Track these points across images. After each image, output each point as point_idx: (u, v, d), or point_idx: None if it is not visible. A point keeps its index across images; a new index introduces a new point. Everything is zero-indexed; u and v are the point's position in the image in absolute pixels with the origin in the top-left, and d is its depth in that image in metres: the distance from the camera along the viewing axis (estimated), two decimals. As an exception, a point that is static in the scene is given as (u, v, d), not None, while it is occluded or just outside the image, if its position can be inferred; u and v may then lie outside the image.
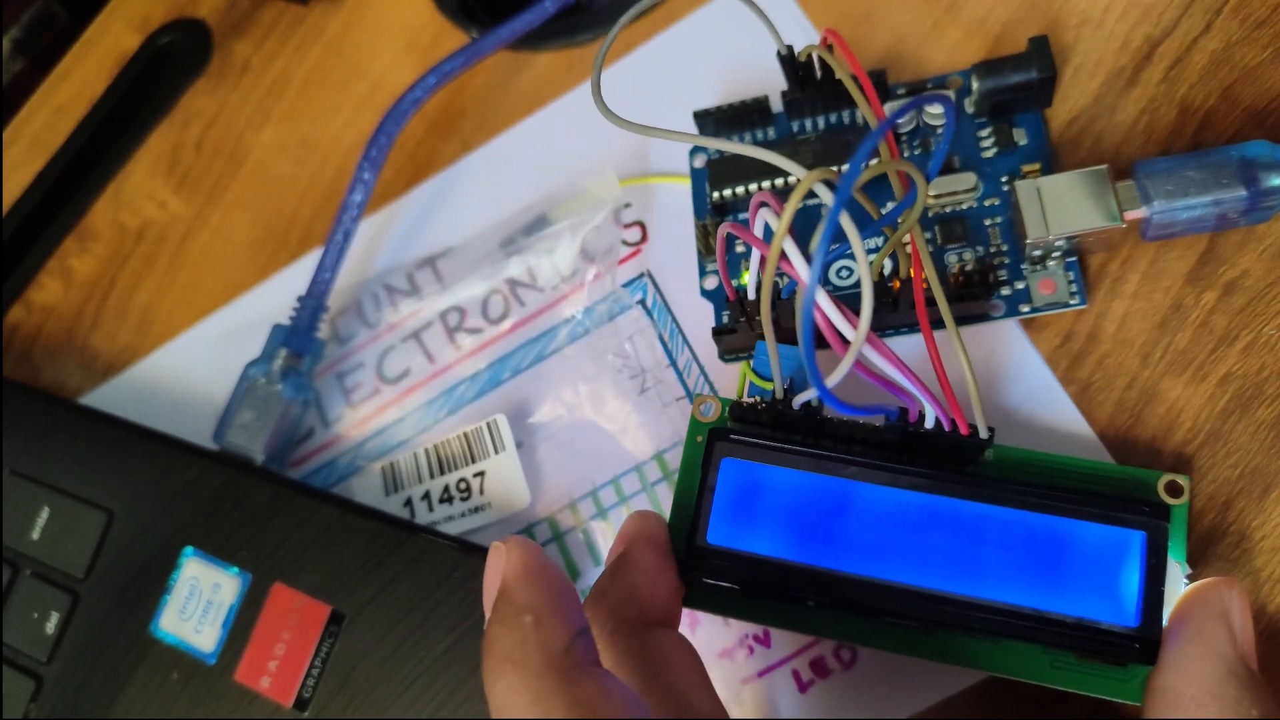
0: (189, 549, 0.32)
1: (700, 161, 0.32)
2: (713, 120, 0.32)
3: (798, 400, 0.25)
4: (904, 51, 0.32)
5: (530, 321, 0.33)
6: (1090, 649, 0.23)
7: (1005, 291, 0.28)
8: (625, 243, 0.33)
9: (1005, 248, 0.28)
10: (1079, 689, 0.23)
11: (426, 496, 0.32)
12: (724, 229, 0.25)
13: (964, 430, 0.24)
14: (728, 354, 0.30)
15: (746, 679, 0.28)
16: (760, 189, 0.30)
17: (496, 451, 0.31)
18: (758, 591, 0.25)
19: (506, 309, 0.34)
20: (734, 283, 0.30)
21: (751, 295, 0.27)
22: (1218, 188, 0.25)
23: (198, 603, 0.31)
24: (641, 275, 0.32)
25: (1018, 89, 0.28)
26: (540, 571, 0.21)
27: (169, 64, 0.43)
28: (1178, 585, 0.23)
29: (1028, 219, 0.26)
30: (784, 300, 0.28)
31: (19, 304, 0.41)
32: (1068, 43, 0.30)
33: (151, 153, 0.41)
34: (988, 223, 0.29)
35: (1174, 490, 0.24)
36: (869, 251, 0.30)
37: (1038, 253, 0.27)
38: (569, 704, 0.19)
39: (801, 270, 0.22)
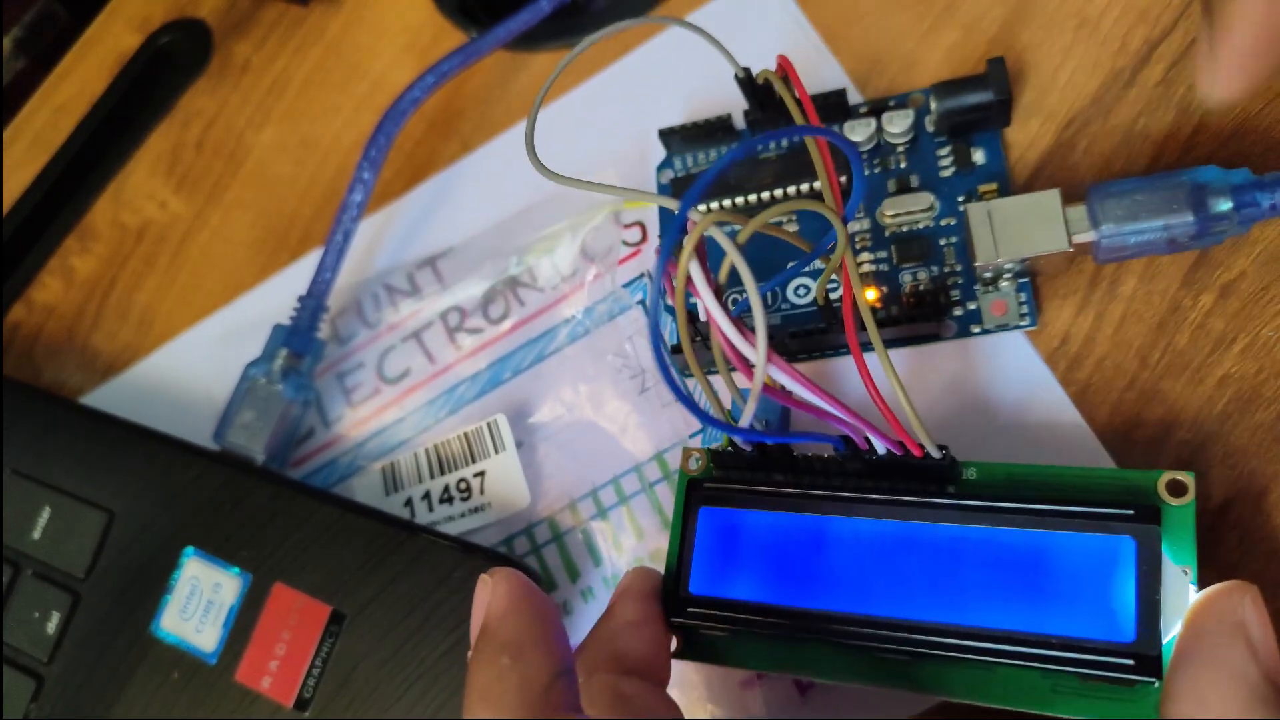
0: (189, 549, 0.32)
1: (666, 178, 0.32)
2: (678, 138, 0.32)
3: (755, 437, 0.24)
4: (900, 52, 0.32)
5: (530, 321, 0.33)
6: (1085, 669, 0.21)
7: (958, 312, 0.28)
8: (625, 243, 0.33)
9: (959, 268, 0.28)
10: (1084, 715, 0.21)
11: (427, 496, 0.32)
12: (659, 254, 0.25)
13: (916, 452, 0.23)
14: (684, 370, 0.30)
15: (747, 684, 0.28)
16: (720, 207, 0.30)
17: (496, 451, 0.31)
18: (741, 636, 0.25)
19: (507, 309, 0.34)
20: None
21: (703, 316, 0.27)
22: (1167, 213, 0.25)
23: (198, 602, 0.31)
24: (642, 275, 0.33)
25: (975, 110, 0.29)
26: (525, 606, 0.21)
27: (169, 64, 0.43)
28: (1185, 593, 0.21)
29: (978, 242, 0.27)
30: (703, 323, 0.28)
31: (20, 303, 0.41)
32: (1065, 44, 0.30)
33: (152, 153, 0.42)
34: (943, 243, 0.29)
35: (1176, 489, 0.22)
36: (814, 275, 0.30)
37: (988, 274, 0.27)
38: None
39: (707, 300, 0.21)
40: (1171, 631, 0.21)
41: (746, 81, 0.29)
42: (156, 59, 0.43)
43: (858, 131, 0.30)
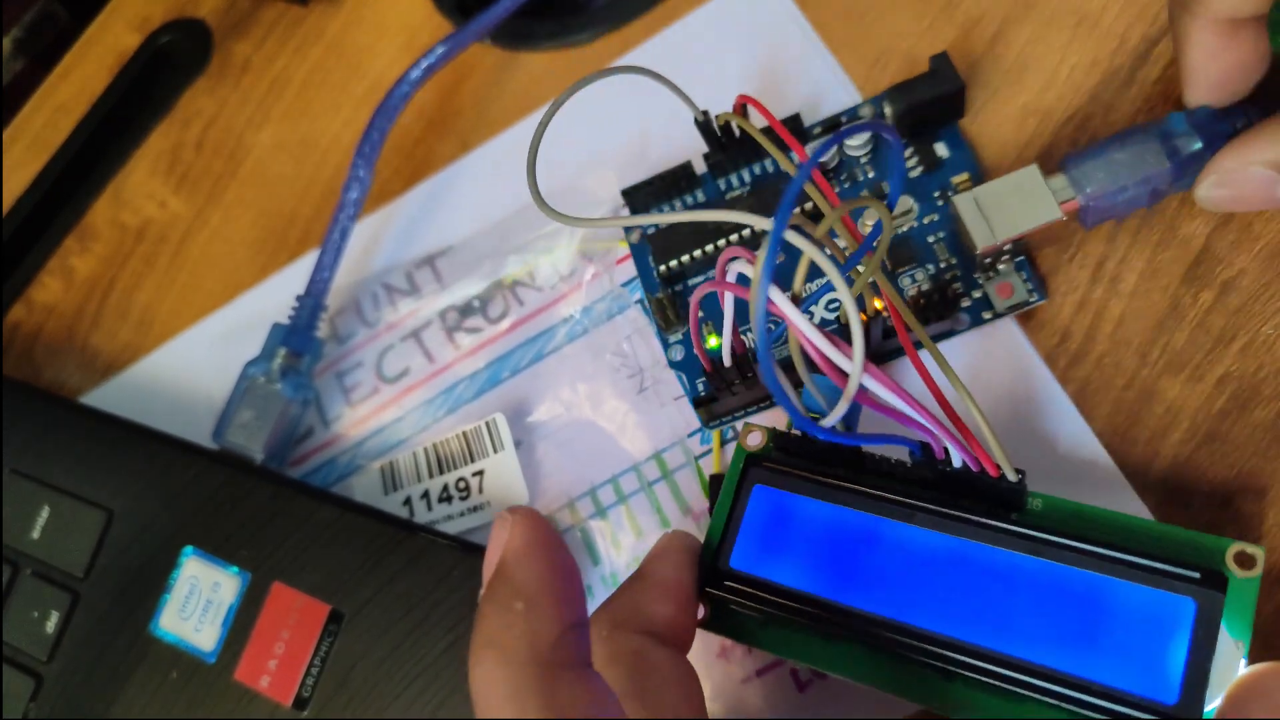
0: (189, 548, 0.32)
1: (636, 237, 0.32)
2: (643, 195, 0.32)
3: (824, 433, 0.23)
4: (899, 51, 0.32)
5: (529, 321, 0.33)
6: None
7: (966, 303, 0.28)
8: (625, 242, 0.33)
9: (954, 261, 0.29)
10: None
11: (425, 496, 0.32)
12: (699, 293, 0.24)
13: (992, 471, 0.22)
14: (712, 421, 0.30)
15: (745, 678, 0.28)
16: (704, 253, 0.30)
17: (495, 450, 0.31)
18: (773, 620, 0.24)
19: (505, 308, 0.34)
20: (706, 349, 0.29)
21: (728, 360, 0.27)
22: (1144, 165, 0.26)
23: (197, 602, 0.31)
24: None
25: (931, 104, 0.29)
26: (543, 551, 0.20)
27: (169, 64, 0.43)
28: (1234, 667, 0.20)
29: (973, 230, 0.27)
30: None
31: (20, 303, 0.41)
32: (1064, 42, 0.30)
33: (151, 152, 0.42)
34: (931, 240, 0.29)
35: (1245, 562, 0.21)
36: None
37: (987, 260, 0.28)
38: (544, 704, 0.18)
39: (788, 311, 0.21)
40: (1214, 703, 0.20)
41: (705, 125, 0.30)
42: (156, 59, 0.43)
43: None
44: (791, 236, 0.21)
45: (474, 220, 0.35)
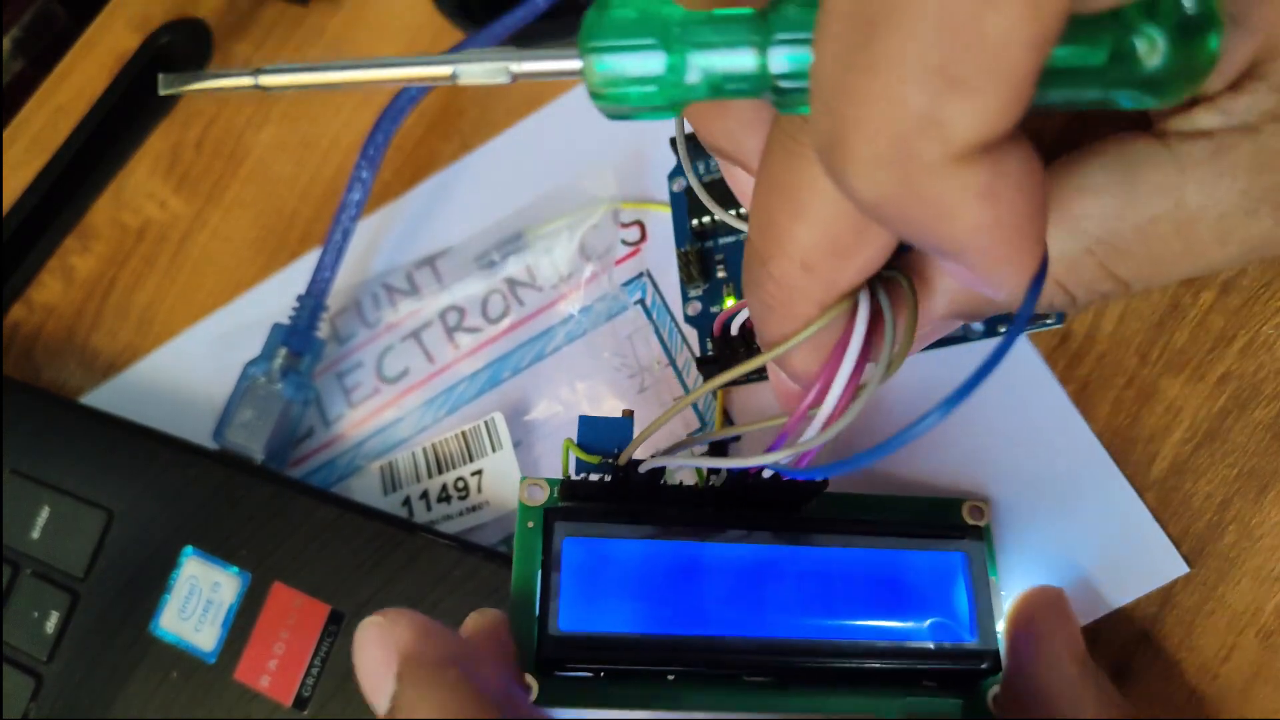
0: (189, 548, 0.32)
1: (679, 186, 0.32)
2: (688, 146, 0.31)
3: (642, 466, 0.24)
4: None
5: (529, 321, 0.33)
6: (938, 671, 0.24)
7: None
8: (624, 242, 0.33)
9: None
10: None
11: (425, 496, 0.32)
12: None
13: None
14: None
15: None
16: (740, 214, 0.29)
17: (494, 450, 0.31)
18: (620, 675, 0.24)
19: (505, 308, 0.34)
20: (714, 309, 0.30)
21: (735, 329, 0.27)
22: None
23: (197, 602, 0.31)
24: (640, 275, 0.32)
25: None
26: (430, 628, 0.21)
27: (169, 64, 0.43)
28: (999, 597, 0.25)
29: None
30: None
31: (20, 303, 0.41)
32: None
33: (151, 152, 0.42)
34: None
35: (977, 514, 0.26)
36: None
37: None
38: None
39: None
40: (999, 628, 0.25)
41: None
42: (156, 59, 0.43)
43: None
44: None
45: (474, 220, 0.35)
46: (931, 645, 0.24)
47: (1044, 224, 0.16)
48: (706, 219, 0.30)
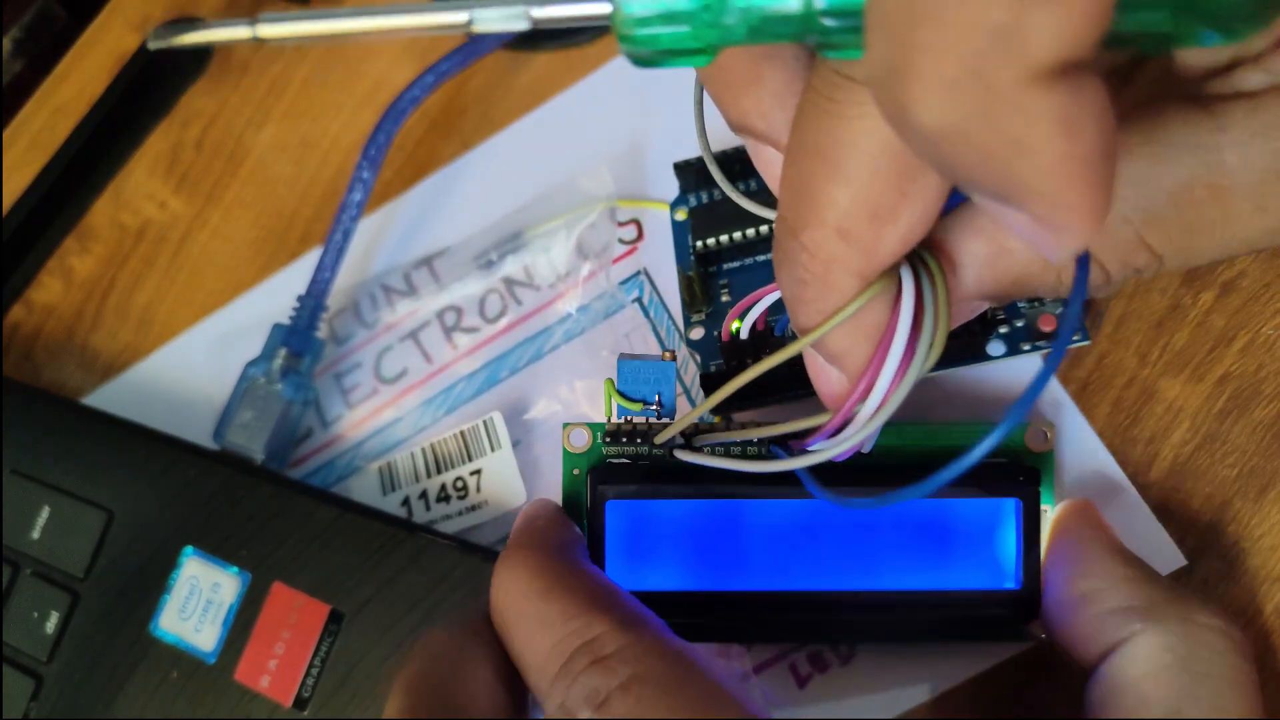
0: (189, 548, 0.32)
1: (681, 215, 0.31)
2: (693, 172, 0.31)
3: (681, 454, 0.24)
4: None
5: (527, 320, 0.33)
6: (978, 621, 0.24)
7: (1004, 329, 0.27)
8: (621, 240, 0.33)
9: None
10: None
11: (424, 495, 0.32)
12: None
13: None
14: (718, 409, 0.29)
15: (745, 674, 0.28)
16: (744, 237, 0.29)
17: (493, 449, 0.31)
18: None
19: (503, 308, 0.34)
20: (717, 332, 0.29)
21: (745, 333, 0.27)
22: None
23: (197, 602, 0.31)
24: (638, 273, 0.33)
25: None
26: (553, 506, 0.24)
27: (169, 64, 0.43)
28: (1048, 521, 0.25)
29: None
30: (776, 337, 0.27)
31: (19, 303, 0.41)
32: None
33: (151, 153, 0.42)
34: None
35: (1039, 438, 0.25)
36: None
37: None
38: (561, 585, 0.22)
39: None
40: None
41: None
42: (156, 59, 0.43)
43: None
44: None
45: (472, 220, 0.35)
46: (974, 593, 0.24)
47: (1114, 168, 0.15)
48: (711, 241, 0.29)
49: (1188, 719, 0.20)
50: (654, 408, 0.25)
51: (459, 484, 0.32)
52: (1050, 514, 0.25)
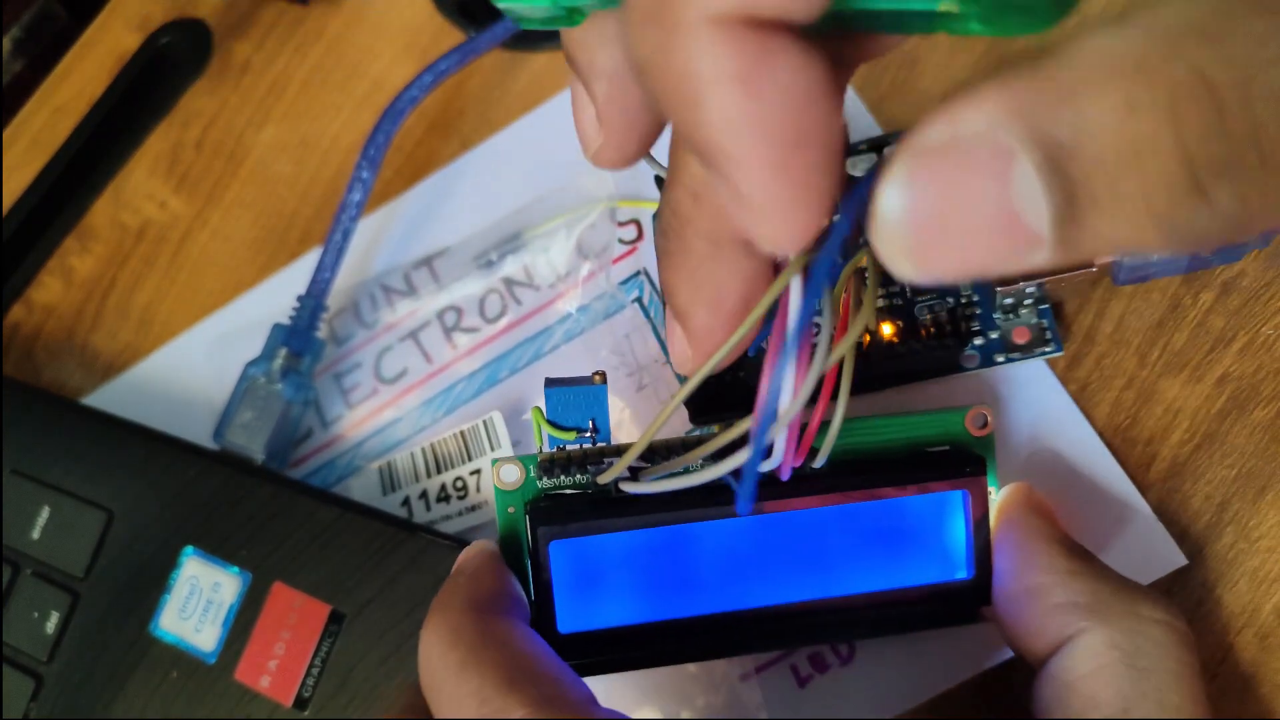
0: (189, 548, 0.32)
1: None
2: None
3: (625, 486, 0.23)
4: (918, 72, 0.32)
5: (527, 320, 0.33)
6: (935, 613, 0.25)
7: (979, 341, 0.28)
8: (621, 241, 0.33)
9: (975, 297, 0.28)
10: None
11: (424, 496, 0.32)
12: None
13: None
14: (697, 417, 0.29)
15: (745, 675, 0.28)
16: None
17: (493, 450, 0.31)
18: (630, 662, 0.24)
19: (503, 308, 0.34)
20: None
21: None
22: None
23: (198, 602, 0.31)
24: (637, 273, 0.33)
25: None
26: (487, 555, 0.23)
27: (169, 64, 0.43)
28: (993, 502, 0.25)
29: None
30: (749, 359, 0.27)
31: (20, 303, 0.41)
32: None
33: (151, 153, 0.42)
34: None
35: (979, 421, 0.25)
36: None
37: (1009, 300, 0.27)
38: (476, 642, 0.21)
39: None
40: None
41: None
42: (156, 59, 0.43)
43: (859, 167, 0.29)
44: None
45: (471, 220, 0.35)
46: (927, 587, 0.24)
47: (828, 180, 0.14)
48: None
49: (1137, 719, 0.21)
50: (588, 434, 0.23)
51: (459, 484, 0.32)
52: (996, 496, 0.25)
